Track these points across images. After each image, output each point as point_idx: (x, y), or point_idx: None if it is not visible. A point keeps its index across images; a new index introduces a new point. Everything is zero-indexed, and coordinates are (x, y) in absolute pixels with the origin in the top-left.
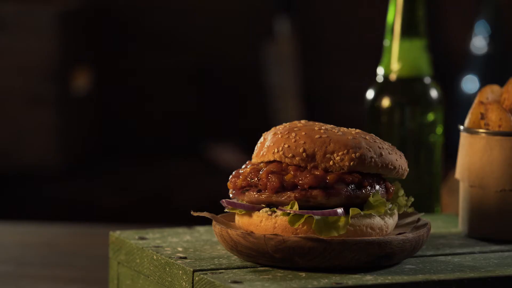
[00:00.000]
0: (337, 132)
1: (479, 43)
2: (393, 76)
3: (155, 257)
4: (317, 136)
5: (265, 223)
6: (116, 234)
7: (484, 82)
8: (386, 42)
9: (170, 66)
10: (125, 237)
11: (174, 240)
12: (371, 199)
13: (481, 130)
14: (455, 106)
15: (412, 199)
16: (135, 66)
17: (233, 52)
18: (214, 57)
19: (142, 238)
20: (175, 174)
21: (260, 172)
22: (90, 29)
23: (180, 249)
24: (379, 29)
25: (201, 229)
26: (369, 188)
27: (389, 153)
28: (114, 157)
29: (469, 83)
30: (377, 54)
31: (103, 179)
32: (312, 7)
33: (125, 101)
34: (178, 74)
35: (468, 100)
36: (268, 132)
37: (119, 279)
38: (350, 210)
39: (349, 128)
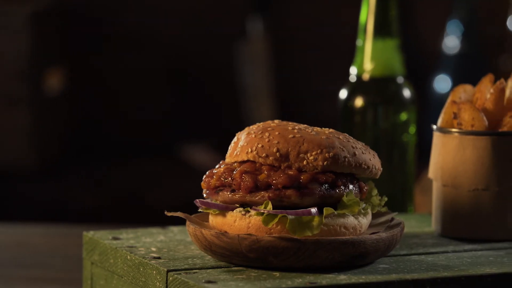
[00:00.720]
0: (311, 131)
1: (451, 42)
2: (366, 76)
3: (129, 257)
4: (290, 136)
5: (239, 223)
6: (90, 234)
7: (457, 81)
8: (359, 42)
9: (144, 66)
10: (98, 237)
11: (148, 240)
12: (344, 198)
13: (454, 130)
14: (428, 106)
15: (386, 199)
16: (109, 66)
17: (206, 52)
18: (188, 57)
19: (116, 238)
20: (149, 174)
21: (234, 172)
22: (64, 29)
23: (154, 249)
24: (352, 29)
25: (175, 229)
26: (342, 187)
27: (363, 153)
28: (88, 157)
29: (442, 82)
30: (350, 54)
31: (77, 179)
32: (284, 7)
33: (99, 101)
34: (152, 74)
35: (440, 100)
36: (242, 132)
37: (93, 280)
38: (324, 210)
39: (323, 128)
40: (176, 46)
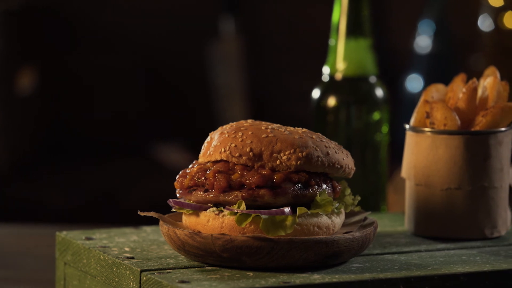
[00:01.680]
0: (284, 131)
1: (423, 42)
2: (338, 76)
3: (102, 257)
4: (264, 135)
5: (212, 222)
6: (63, 235)
7: (428, 81)
8: (331, 42)
9: (117, 65)
10: (71, 237)
11: (121, 240)
12: (318, 198)
13: (426, 129)
14: (400, 105)
15: (359, 198)
16: (82, 65)
17: (179, 51)
18: (160, 56)
19: (89, 239)
20: (121, 174)
21: (207, 172)
22: (36, 28)
23: (127, 249)
24: (325, 28)
25: (148, 229)
26: (316, 187)
27: (336, 152)
28: (61, 157)
29: (413, 82)
30: (322, 53)
31: (49, 179)
32: (257, 7)
33: (72, 100)
34: (124, 73)
35: (412, 99)
36: (215, 131)
37: (66, 280)
38: (297, 209)
39: (296, 128)
40: (149, 46)
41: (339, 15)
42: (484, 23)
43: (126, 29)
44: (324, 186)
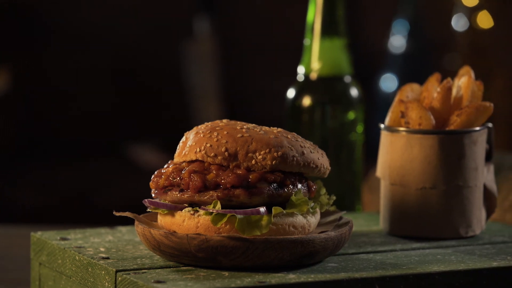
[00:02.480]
0: (259, 131)
1: (397, 42)
2: (313, 75)
3: (77, 257)
4: (239, 135)
5: (187, 222)
6: (38, 235)
7: (403, 80)
8: (306, 42)
9: (90, 65)
10: (46, 237)
11: (96, 241)
12: (293, 197)
13: (401, 129)
14: (374, 105)
15: (334, 198)
16: (56, 65)
17: (153, 51)
18: (135, 56)
19: (64, 239)
20: (96, 174)
21: (183, 172)
22: (8, 28)
23: (102, 249)
24: (300, 28)
25: (123, 229)
26: (291, 187)
27: (311, 152)
28: (35, 157)
29: (388, 81)
30: (297, 53)
31: (23, 179)
32: (232, 7)
33: (45, 100)
34: (98, 73)
35: (386, 99)
36: (190, 131)
37: (41, 280)
38: (272, 209)
39: (271, 127)
40: (123, 45)
41: (314, 15)
42: (458, 23)
43: (101, 29)
44: (299, 185)
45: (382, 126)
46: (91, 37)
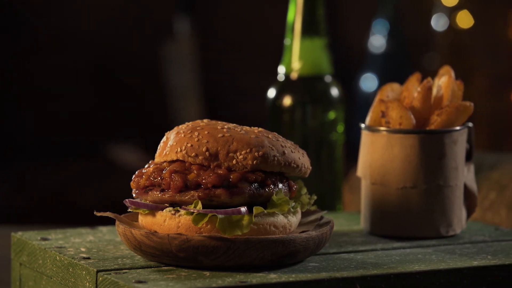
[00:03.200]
0: (240, 131)
1: (377, 41)
2: (294, 75)
3: (58, 257)
4: (220, 135)
5: (168, 222)
6: (18, 235)
7: (383, 80)
8: (287, 41)
9: (70, 65)
10: (27, 238)
11: (77, 241)
12: (274, 197)
13: (382, 128)
14: (354, 105)
15: (315, 197)
16: (34, 65)
17: (133, 51)
18: (114, 56)
19: (44, 239)
20: (77, 174)
21: (163, 172)
22: None
23: (83, 249)
24: (280, 28)
25: (104, 229)
26: (272, 186)
27: (292, 152)
28: (15, 157)
29: (368, 81)
30: (278, 53)
31: (3, 179)
32: (212, 7)
33: (24, 99)
34: (78, 73)
35: (367, 99)
36: (171, 131)
37: (22, 281)
38: (253, 209)
39: (252, 127)
40: (102, 45)
41: (294, 14)
42: (438, 23)
43: (80, 28)
44: (280, 185)
45: (362, 125)
46: (71, 37)
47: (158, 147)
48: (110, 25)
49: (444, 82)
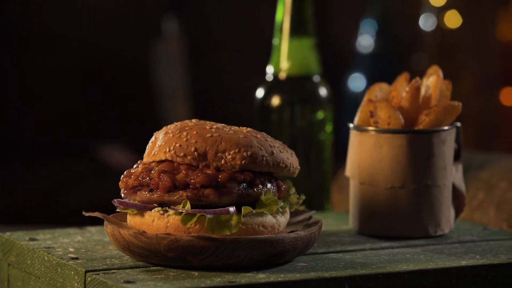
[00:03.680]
0: (229, 131)
1: (365, 41)
2: (282, 75)
3: (46, 258)
4: (208, 135)
5: (157, 222)
6: (6, 236)
7: (371, 80)
8: (275, 41)
9: (58, 65)
10: (15, 238)
11: (66, 241)
12: (263, 197)
13: (370, 128)
14: (342, 104)
15: (304, 197)
16: (23, 66)
17: (121, 51)
18: (103, 55)
19: (32, 239)
20: (65, 174)
21: (152, 172)
22: None
23: (71, 249)
24: (269, 28)
25: (93, 229)
26: (260, 186)
27: (280, 152)
28: (3, 157)
29: (356, 81)
30: (266, 53)
31: None
32: (200, 6)
33: (13, 100)
34: (67, 73)
35: (355, 98)
36: (160, 131)
37: (10, 281)
38: (242, 209)
39: (240, 127)
40: (91, 45)
41: (283, 14)
42: (426, 23)
43: (69, 28)
44: (269, 185)
45: (351, 125)
46: (60, 37)
47: (147, 147)
48: (98, 25)
49: (432, 82)
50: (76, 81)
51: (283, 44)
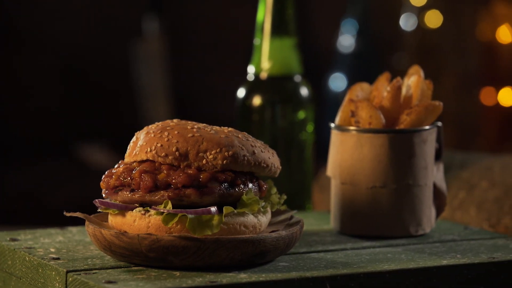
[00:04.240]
0: (210, 130)
1: (346, 41)
2: (263, 75)
3: (27, 258)
4: (190, 135)
5: (138, 222)
6: None
7: (352, 80)
8: (256, 41)
9: (39, 64)
10: None
11: (47, 241)
12: (244, 197)
13: (351, 128)
14: (323, 104)
15: (285, 197)
16: (3, 65)
17: (103, 50)
18: (84, 55)
19: (13, 240)
20: (46, 174)
21: (133, 172)
22: None
23: (52, 249)
24: (250, 27)
25: (74, 229)
26: (242, 186)
27: (262, 151)
28: None
29: (337, 81)
30: (247, 53)
31: None
32: (181, 6)
33: None
34: (48, 73)
35: (336, 98)
36: (141, 131)
37: None
38: (223, 209)
39: (222, 127)
40: (72, 44)
41: (264, 14)
42: (407, 22)
43: (49, 27)
44: (250, 185)
45: (332, 125)
46: (40, 36)
47: (128, 147)
48: (79, 25)
49: (413, 81)
50: (58, 80)
51: (264, 44)
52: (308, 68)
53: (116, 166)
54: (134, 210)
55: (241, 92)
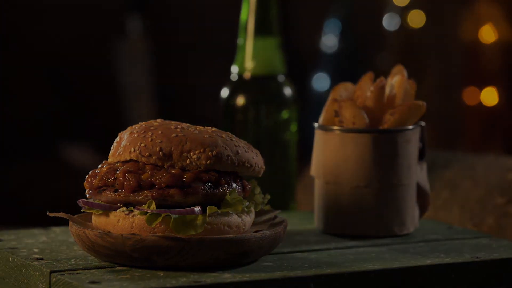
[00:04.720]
0: (194, 130)
1: (329, 41)
2: (247, 75)
3: (10, 258)
4: (173, 135)
5: (122, 222)
6: None
7: (335, 80)
8: (240, 41)
9: (22, 65)
10: None
11: (30, 241)
12: (228, 197)
13: (335, 127)
14: (307, 104)
15: (269, 197)
16: None
17: (85, 51)
18: (66, 56)
19: None
20: (30, 174)
21: (117, 172)
22: None
23: (36, 250)
24: (233, 27)
25: (57, 229)
26: (226, 186)
27: (246, 151)
28: None
29: (320, 81)
30: (231, 52)
31: None
32: (164, 5)
33: None
34: (30, 73)
35: (319, 98)
36: (125, 131)
37: None
38: (207, 209)
39: (205, 127)
40: (55, 45)
41: (247, 14)
42: (390, 22)
43: (32, 28)
44: (234, 185)
45: (316, 125)
46: (22, 36)
47: (112, 147)
48: (61, 24)
49: (397, 81)
50: (41, 81)
51: (248, 43)
52: (292, 68)
53: (99, 166)
54: (118, 210)
55: (224, 92)
